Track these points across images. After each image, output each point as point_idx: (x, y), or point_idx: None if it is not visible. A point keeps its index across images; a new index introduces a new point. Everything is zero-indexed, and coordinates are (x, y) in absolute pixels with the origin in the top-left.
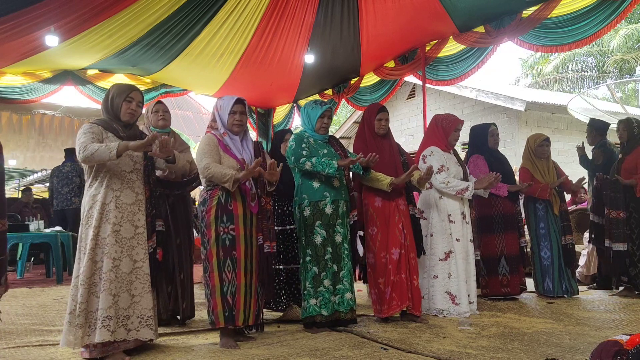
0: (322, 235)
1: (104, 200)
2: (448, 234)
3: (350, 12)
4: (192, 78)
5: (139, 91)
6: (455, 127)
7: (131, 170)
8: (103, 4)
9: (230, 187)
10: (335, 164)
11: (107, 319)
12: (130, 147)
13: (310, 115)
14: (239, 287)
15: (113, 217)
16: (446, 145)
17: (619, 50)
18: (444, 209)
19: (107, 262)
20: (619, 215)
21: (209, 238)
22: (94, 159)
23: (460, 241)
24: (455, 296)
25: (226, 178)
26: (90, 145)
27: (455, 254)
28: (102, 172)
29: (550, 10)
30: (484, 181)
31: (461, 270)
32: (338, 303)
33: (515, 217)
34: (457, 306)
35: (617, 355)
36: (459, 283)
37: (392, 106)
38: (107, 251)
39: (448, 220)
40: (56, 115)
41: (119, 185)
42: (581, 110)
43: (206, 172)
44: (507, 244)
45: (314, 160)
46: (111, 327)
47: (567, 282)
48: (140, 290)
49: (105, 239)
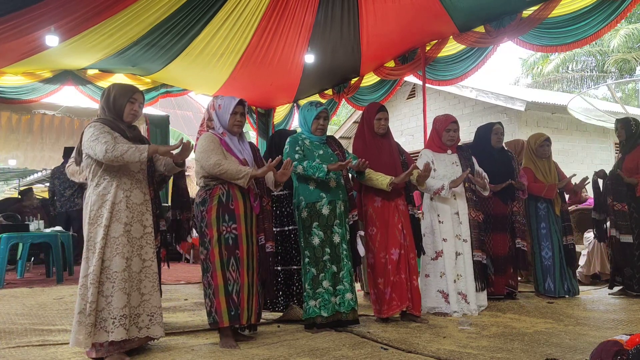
0: (320, 236)
1: (114, 199)
2: (438, 234)
3: (350, 12)
4: (192, 78)
5: (141, 92)
6: (446, 126)
7: (138, 171)
8: (103, 4)
9: (244, 183)
10: (325, 168)
11: (123, 317)
12: (160, 151)
13: (306, 117)
14: (243, 286)
15: (125, 217)
16: (440, 146)
17: (619, 50)
18: (434, 209)
19: (120, 262)
20: (623, 207)
21: (210, 238)
22: (123, 160)
23: (448, 241)
24: (448, 294)
25: (242, 174)
26: (119, 145)
27: (444, 253)
28: (113, 171)
29: (551, 10)
30: (457, 181)
31: (449, 269)
32: (339, 304)
33: (507, 217)
34: (448, 304)
35: (617, 355)
36: (448, 282)
37: (392, 106)
38: (120, 250)
39: (437, 221)
40: (56, 115)
41: (129, 185)
42: (581, 110)
43: (217, 168)
44: (494, 245)
45: (305, 164)
46: (126, 325)
47: (568, 282)
48: (149, 289)
49: (117, 238)
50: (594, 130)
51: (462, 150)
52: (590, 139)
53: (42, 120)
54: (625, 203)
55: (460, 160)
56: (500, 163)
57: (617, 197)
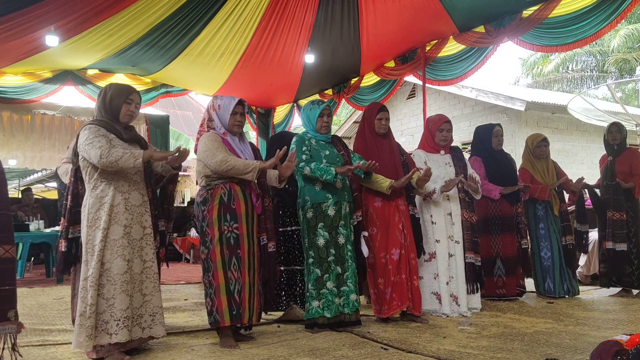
0: (325, 237)
1: (112, 202)
2: (430, 235)
3: (350, 12)
4: (192, 78)
5: (138, 93)
6: (438, 127)
7: (135, 172)
8: (103, 4)
9: (253, 177)
10: (333, 171)
11: (126, 319)
12: (155, 157)
13: (310, 116)
14: (244, 286)
15: (124, 219)
16: (433, 146)
17: (619, 50)
18: (427, 210)
19: (122, 264)
20: (622, 217)
21: (211, 237)
22: (117, 166)
23: (441, 242)
24: (441, 296)
25: (250, 168)
26: (113, 151)
27: (437, 254)
28: (110, 174)
29: (551, 10)
30: (450, 185)
31: (442, 270)
32: (343, 305)
33: (513, 218)
34: (442, 306)
35: (617, 355)
36: (440, 284)
37: (392, 106)
38: (121, 253)
39: (430, 222)
40: (56, 115)
41: (126, 188)
42: (581, 110)
43: (224, 165)
44: (503, 246)
45: (312, 166)
46: (129, 326)
47: (568, 282)
48: (151, 290)
49: (117, 240)
50: (594, 130)
51: (455, 151)
52: (590, 139)
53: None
54: (623, 212)
55: (454, 160)
56: (504, 165)
57: (616, 207)
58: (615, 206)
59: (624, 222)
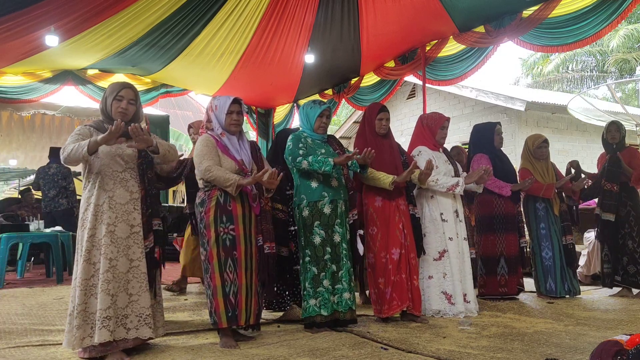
0: (321, 235)
1: (97, 201)
2: (441, 233)
3: (350, 12)
4: (192, 78)
5: (131, 88)
6: (441, 124)
7: (123, 170)
8: (103, 4)
9: (232, 191)
10: (331, 162)
11: (106, 319)
12: (99, 141)
13: (309, 114)
14: (240, 287)
15: (107, 218)
16: (434, 144)
17: (619, 50)
18: (435, 207)
19: (103, 263)
20: (613, 187)
21: (208, 239)
22: (71, 160)
23: (454, 240)
24: (451, 296)
25: (229, 183)
26: (67, 146)
27: (449, 253)
28: (94, 173)
29: (551, 10)
30: (474, 175)
31: (455, 269)
32: (337, 303)
33: (515, 217)
34: (452, 306)
35: (617, 355)
36: (454, 282)
37: (392, 106)
38: (104, 252)
39: (440, 219)
40: (56, 115)
41: (111, 186)
42: (581, 110)
43: (207, 174)
44: (507, 245)
45: (310, 159)
46: (110, 327)
47: (569, 282)
48: (137, 289)
49: (101, 240)
50: (594, 130)
51: (445, 150)
52: (590, 139)
53: (43, 120)
54: (615, 184)
55: (449, 158)
56: (506, 164)
57: (609, 178)
58: (609, 177)
59: (614, 193)
